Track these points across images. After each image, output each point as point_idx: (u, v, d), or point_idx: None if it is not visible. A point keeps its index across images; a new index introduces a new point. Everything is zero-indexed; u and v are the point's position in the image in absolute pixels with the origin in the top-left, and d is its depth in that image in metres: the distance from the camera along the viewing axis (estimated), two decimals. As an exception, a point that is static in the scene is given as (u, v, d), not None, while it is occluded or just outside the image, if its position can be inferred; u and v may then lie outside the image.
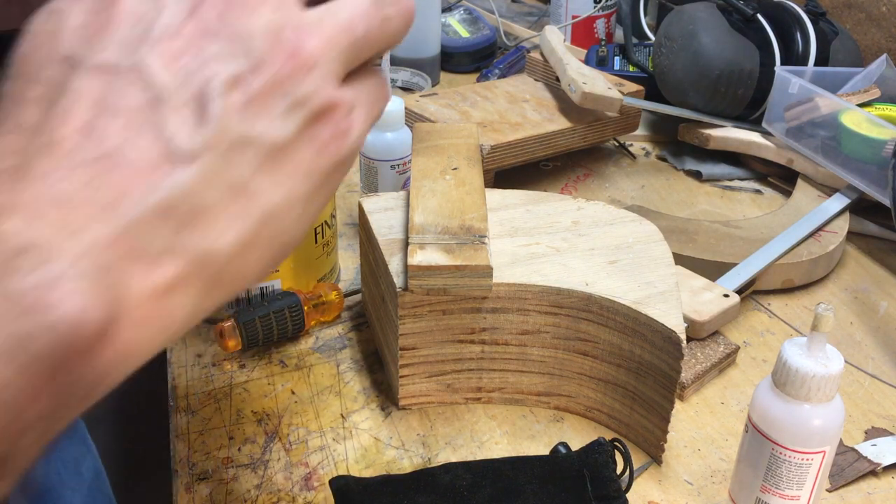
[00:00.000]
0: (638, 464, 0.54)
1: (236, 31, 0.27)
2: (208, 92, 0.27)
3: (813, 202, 0.80)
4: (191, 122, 0.26)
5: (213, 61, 0.27)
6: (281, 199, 0.29)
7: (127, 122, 0.26)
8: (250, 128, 0.27)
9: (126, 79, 0.26)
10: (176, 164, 0.26)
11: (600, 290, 0.54)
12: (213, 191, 0.27)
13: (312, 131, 0.29)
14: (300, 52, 0.28)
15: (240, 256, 0.28)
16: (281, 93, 0.28)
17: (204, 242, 0.27)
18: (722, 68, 0.86)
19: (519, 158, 0.82)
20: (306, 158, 0.29)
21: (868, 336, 0.68)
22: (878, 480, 0.55)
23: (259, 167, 0.28)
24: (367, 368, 0.62)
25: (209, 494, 0.51)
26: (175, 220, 0.26)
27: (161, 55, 0.27)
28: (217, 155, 0.27)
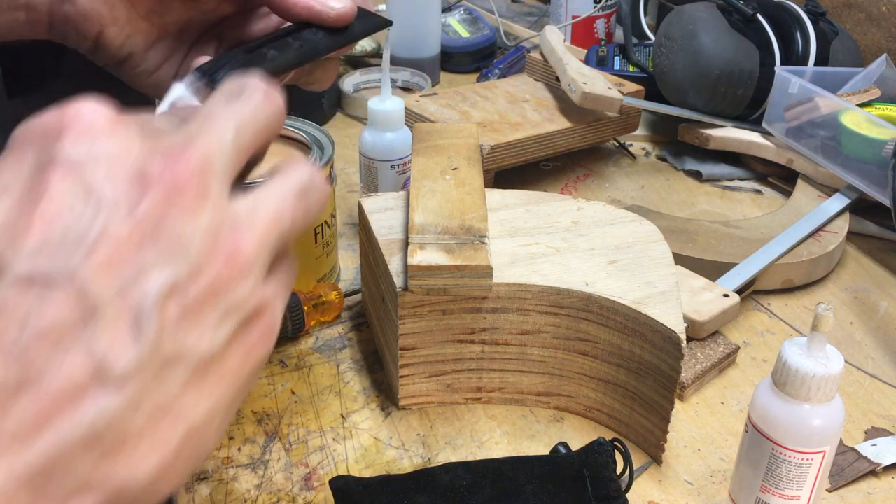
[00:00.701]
0: (638, 464, 0.54)
1: (173, 235, 0.26)
2: (144, 305, 0.25)
3: (813, 202, 0.80)
4: (124, 341, 0.24)
5: (149, 270, 0.25)
6: (205, 413, 0.27)
7: (55, 341, 0.24)
8: (183, 342, 0.26)
9: (55, 291, 0.24)
10: (104, 390, 0.24)
11: (600, 290, 0.54)
12: (138, 417, 0.25)
13: (242, 337, 0.28)
14: (237, 256, 0.27)
15: (157, 483, 0.26)
16: (216, 301, 0.26)
17: (123, 474, 0.25)
18: (722, 68, 0.86)
19: (519, 158, 0.82)
20: (235, 364, 0.28)
21: (868, 336, 0.68)
22: (878, 480, 0.55)
23: (186, 384, 0.26)
24: (367, 368, 0.62)
25: (209, 494, 0.51)
26: (95, 452, 0.24)
27: (95, 263, 0.24)
28: (148, 376, 0.25)
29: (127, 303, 0.24)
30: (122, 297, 0.24)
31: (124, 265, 0.25)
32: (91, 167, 0.25)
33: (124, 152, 0.26)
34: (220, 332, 0.27)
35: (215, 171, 0.27)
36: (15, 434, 0.23)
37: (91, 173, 0.25)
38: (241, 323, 0.27)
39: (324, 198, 0.31)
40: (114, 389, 0.24)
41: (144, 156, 0.26)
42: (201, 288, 0.26)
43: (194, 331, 0.26)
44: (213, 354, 0.27)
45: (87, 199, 0.25)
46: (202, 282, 0.26)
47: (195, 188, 0.26)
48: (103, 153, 0.26)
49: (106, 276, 0.24)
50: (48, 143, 0.26)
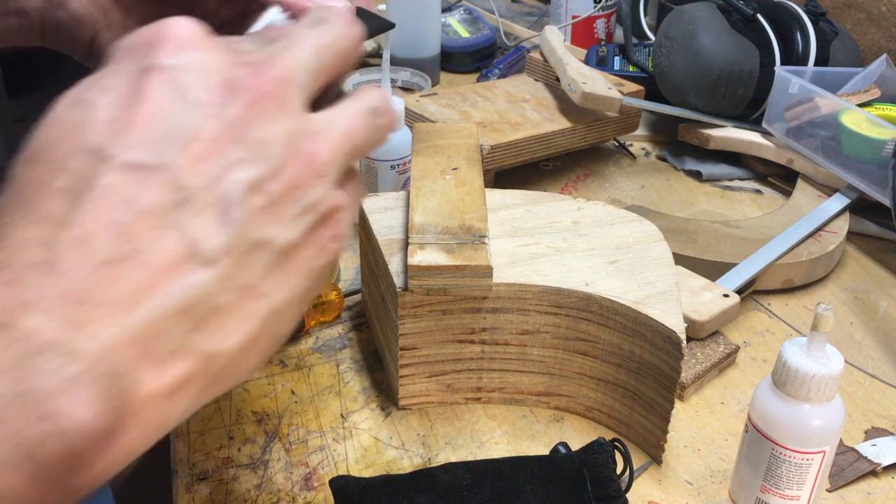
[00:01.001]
0: (638, 464, 0.54)
1: (258, 138, 0.28)
2: (231, 196, 0.27)
3: (813, 202, 0.80)
4: (214, 225, 0.27)
5: (236, 165, 0.28)
6: (284, 299, 0.30)
7: (153, 221, 0.26)
8: (266, 231, 0.28)
9: (154, 178, 0.26)
10: (197, 266, 0.27)
11: (600, 290, 0.54)
12: (226, 292, 0.27)
13: (316, 233, 0.30)
14: (313, 161, 0.29)
15: (242, 355, 0.29)
16: (295, 199, 0.29)
17: (212, 343, 0.27)
18: (722, 68, 0.86)
19: (519, 158, 0.82)
20: (309, 259, 0.30)
21: (868, 336, 0.68)
22: (878, 480, 0.55)
23: (269, 269, 0.29)
24: (367, 368, 0.62)
25: (209, 494, 0.51)
26: (189, 321, 0.27)
27: (188, 156, 0.27)
28: (235, 258, 0.27)
29: (216, 193, 0.27)
30: (212, 188, 0.27)
31: (214, 160, 0.27)
32: (185, 73, 0.28)
33: (215, 62, 0.29)
34: (298, 226, 0.29)
35: (296, 85, 0.30)
36: (121, 300, 0.25)
37: (185, 79, 0.28)
38: (315, 221, 0.30)
39: (393, 120, 0.34)
40: (205, 267, 0.27)
41: (233, 67, 0.29)
42: (281, 185, 0.28)
43: (275, 222, 0.28)
44: (291, 245, 0.29)
45: (182, 101, 0.27)
46: (282, 180, 0.28)
47: (278, 97, 0.29)
48: (196, 62, 0.28)
49: (198, 169, 0.27)
50: (147, 53, 0.28)
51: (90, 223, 0.26)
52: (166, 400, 0.27)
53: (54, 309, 0.24)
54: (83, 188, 0.26)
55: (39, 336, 0.24)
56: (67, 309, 0.25)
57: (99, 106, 0.27)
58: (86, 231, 0.25)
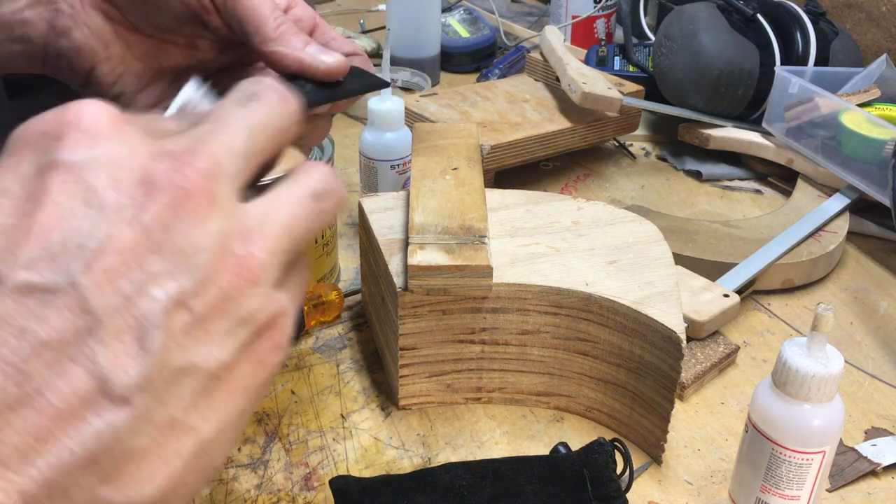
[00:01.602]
0: (638, 464, 0.54)
1: (180, 245, 0.24)
2: (149, 319, 0.23)
3: (813, 202, 0.80)
4: (127, 356, 0.23)
5: (154, 281, 0.24)
6: (216, 427, 0.26)
7: (55, 356, 0.23)
8: (191, 355, 0.24)
9: (55, 302, 0.23)
10: (106, 407, 0.23)
11: (600, 290, 0.54)
12: (143, 434, 0.24)
13: (253, 348, 0.26)
14: (248, 265, 0.26)
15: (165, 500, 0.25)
16: (226, 312, 0.25)
17: (128, 494, 0.24)
18: (722, 68, 0.86)
19: (519, 158, 0.82)
20: (245, 377, 0.26)
21: (868, 336, 0.68)
22: (878, 480, 0.55)
23: (195, 398, 0.25)
24: (367, 368, 0.62)
25: (209, 494, 0.51)
26: (99, 472, 0.23)
27: (97, 274, 0.23)
28: (153, 392, 0.24)
29: (131, 315, 0.23)
30: (126, 309, 0.23)
31: (128, 275, 0.24)
32: (93, 171, 0.24)
33: (128, 155, 0.25)
34: (230, 344, 0.25)
35: (225, 176, 0.26)
36: (15, 451, 0.22)
37: (93, 178, 0.24)
38: (252, 334, 0.26)
39: (340, 202, 0.30)
40: (118, 405, 0.23)
41: (150, 159, 0.25)
42: (210, 299, 0.25)
43: (203, 343, 0.25)
44: (222, 367, 0.25)
45: (89, 205, 0.24)
46: (211, 293, 0.25)
47: (203, 194, 0.25)
48: (106, 156, 0.24)
49: (109, 287, 0.23)
50: (48, 146, 0.25)
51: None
52: None
53: None
54: None
55: None
56: None
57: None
58: None
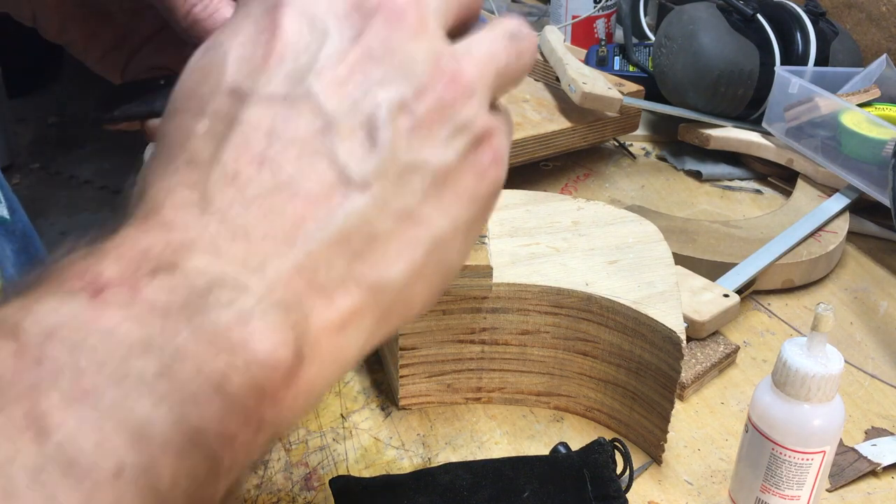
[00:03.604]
0: (638, 464, 0.54)
1: (399, 57, 0.27)
2: (377, 117, 0.26)
3: (813, 202, 0.80)
4: (362, 149, 0.26)
5: (378, 87, 0.27)
6: (447, 227, 0.28)
7: (300, 151, 0.26)
8: (418, 153, 0.27)
9: (295, 108, 0.26)
10: (350, 192, 0.26)
11: (600, 290, 0.54)
12: (384, 219, 0.26)
13: (474, 157, 0.29)
14: (460, 78, 0.28)
15: (410, 286, 0.28)
16: (444, 118, 0.27)
17: (377, 272, 0.27)
18: (722, 68, 0.86)
19: (519, 158, 0.82)
20: (470, 184, 0.29)
21: (868, 336, 0.68)
22: (878, 480, 0.55)
23: (426, 193, 0.27)
24: (367, 368, 0.62)
25: (209, 494, 0.51)
26: (350, 250, 0.26)
27: (328, 83, 0.26)
28: (388, 181, 0.26)
29: (360, 115, 0.26)
30: (356, 111, 0.26)
31: (354, 83, 0.26)
32: (313, 3, 0.27)
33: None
34: (452, 147, 0.28)
35: (431, 7, 0.29)
36: (279, 234, 0.25)
37: (314, 8, 0.27)
38: (471, 142, 0.28)
39: (534, 44, 0.32)
40: (358, 192, 0.26)
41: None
42: (429, 104, 0.27)
43: (426, 144, 0.27)
44: (447, 168, 0.28)
45: (314, 30, 0.27)
46: (429, 99, 0.27)
47: (414, 17, 0.28)
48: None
49: (339, 93, 0.26)
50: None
51: (237, 159, 0.25)
52: (340, 333, 0.26)
53: (216, 248, 0.24)
54: (226, 127, 0.26)
55: (206, 275, 0.23)
56: (229, 247, 0.24)
57: (231, 47, 0.27)
58: (234, 167, 0.25)
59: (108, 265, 0.23)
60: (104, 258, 0.24)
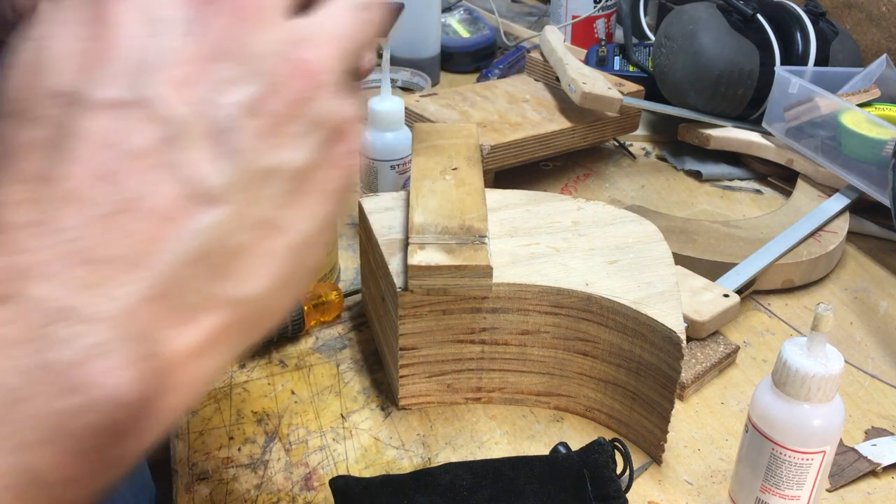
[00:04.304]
0: (638, 464, 0.54)
1: (245, 51, 0.25)
2: (227, 121, 0.25)
3: (813, 202, 0.80)
4: (212, 158, 0.24)
5: (225, 86, 0.25)
6: (307, 228, 0.27)
7: (143, 164, 0.24)
8: (272, 157, 0.26)
9: (136, 114, 0.24)
10: (203, 206, 0.24)
11: (600, 290, 0.54)
12: (242, 231, 0.25)
13: (329, 151, 0.27)
14: (311, 69, 0.26)
15: (273, 296, 0.27)
16: (298, 114, 0.26)
17: (239, 289, 0.25)
18: (722, 68, 0.86)
19: (519, 158, 0.82)
20: (326, 180, 0.27)
21: (868, 336, 0.68)
22: (878, 480, 0.55)
23: (284, 198, 0.26)
24: (367, 368, 0.62)
25: (209, 494, 0.51)
26: (207, 269, 0.24)
27: (169, 84, 0.24)
28: (243, 191, 0.25)
29: (208, 120, 0.24)
30: (203, 116, 0.24)
31: (200, 83, 0.24)
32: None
33: None
34: (307, 145, 0.26)
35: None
36: (128, 256, 0.23)
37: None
38: (325, 137, 0.27)
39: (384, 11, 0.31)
40: (212, 206, 0.24)
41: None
42: (281, 101, 0.26)
43: (281, 145, 0.26)
44: (304, 168, 0.26)
45: (150, 23, 0.25)
46: (281, 95, 0.26)
47: (259, 5, 0.26)
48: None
49: (184, 95, 0.24)
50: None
51: (77, 175, 0.23)
52: (200, 357, 0.25)
53: (59, 273, 0.22)
54: (61, 138, 0.24)
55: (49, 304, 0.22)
56: (74, 271, 0.22)
57: (59, 41, 0.25)
58: (74, 184, 0.23)
59: None
60: None
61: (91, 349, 0.22)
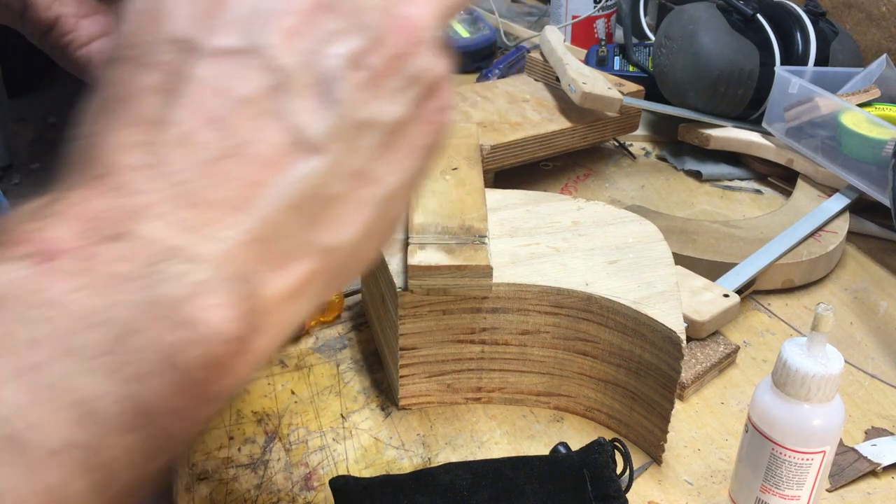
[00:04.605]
0: (638, 464, 0.54)
1: (349, 5, 0.26)
2: (331, 73, 0.25)
3: (813, 202, 0.80)
4: (316, 108, 0.25)
5: (331, 38, 0.26)
6: (398, 181, 0.28)
7: (253, 111, 0.25)
8: (372, 109, 0.26)
9: (247, 63, 0.25)
10: (304, 154, 0.25)
11: (600, 290, 0.54)
12: (338, 181, 0.26)
13: (423, 107, 0.28)
14: (413, 26, 0.27)
15: (360, 246, 0.27)
16: (398, 69, 0.27)
17: (330, 237, 0.26)
18: (722, 68, 0.86)
19: (519, 158, 0.82)
20: (419, 135, 0.28)
21: (868, 336, 0.68)
22: (878, 480, 0.55)
23: (379, 150, 0.27)
24: (367, 368, 0.62)
25: (209, 494, 0.51)
26: (305, 215, 0.25)
27: (279, 34, 0.25)
28: (343, 142, 0.26)
29: (314, 71, 0.25)
30: (310, 66, 0.25)
31: (308, 35, 0.25)
32: None
33: None
34: (404, 100, 0.27)
35: None
36: (233, 200, 0.24)
37: None
38: (420, 93, 0.27)
39: None
40: (313, 155, 0.25)
41: None
42: (383, 56, 0.26)
43: (380, 98, 0.26)
44: (400, 122, 0.27)
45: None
46: (383, 50, 0.26)
47: None
48: None
49: (292, 46, 0.25)
50: None
51: (188, 120, 0.24)
52: (292, 301, 0.25)
53: (168, 214, 0.23)
54: (175, 83, 0.25)
55: (159, 243, 0.23)
56: (182, 213, 0.23)
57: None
58: (185, 129, 0.24)
59: (58, 229, 0.23)
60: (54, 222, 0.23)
61: (197, 287, 0.23)
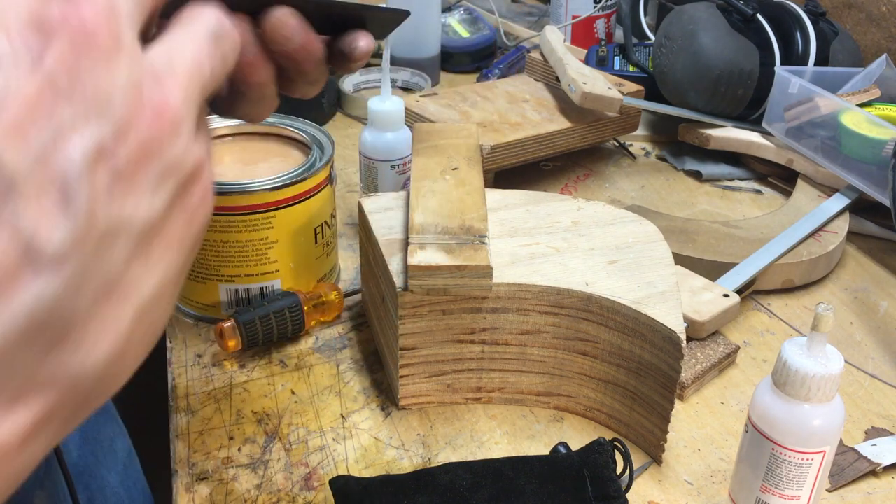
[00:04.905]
0: (638, 464, 0.54)
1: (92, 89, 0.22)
2: (69, 171, 0.21)
3: (813, 202, 0.80)
4: (53, 214, 0.21)
5: (69, 130, 0.21)
6: (156, 286, 0.24)
7: None
8: (121, 210, 0.22)
9: None
10: (40, 271, 0.21)
11: (600, 290, 0.54)
12: (83, 297, 0.22)
13: (182, 199, 0.25)
14: (166, 111, 0.23)
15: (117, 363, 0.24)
16: (150, 162, 0.23)
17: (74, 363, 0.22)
18: (722, 68, 0.86)
19: (519, 158, 0.82)
20: (177, 230, 0.25)
21: (868, 336, 0.68)
22: (878, 480, 0.55)
23: (131, 255, 0.23)
24: (367, 368, 0.62)
25: (209, 494, 0.51)
26: (41, 343, 0.21)
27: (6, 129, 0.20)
28: (86, 251, 0.22)
29: (49, 171, 0.21)
30: (43, 166, 0.21)
31: (39, 128, 0.21)
32: None
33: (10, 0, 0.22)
34: (159, 196, 0.24)
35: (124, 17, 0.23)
36: None
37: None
38: (178, 185, 0.24)
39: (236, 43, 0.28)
40: (49, 271, 0.21)
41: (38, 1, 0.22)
42: (132, 148, 0.22)
43: (131, 197, 0.23)
44: (154, 221, 0.24)
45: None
46: (132, 141, 0.22)
47: (106, 34, 0.22)
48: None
49: (20, 143, 0.21)
50: None
51: None
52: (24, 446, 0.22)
53: None
54: None
55: None
56: None
57: None
58: None
59: None
60: None
61: None
